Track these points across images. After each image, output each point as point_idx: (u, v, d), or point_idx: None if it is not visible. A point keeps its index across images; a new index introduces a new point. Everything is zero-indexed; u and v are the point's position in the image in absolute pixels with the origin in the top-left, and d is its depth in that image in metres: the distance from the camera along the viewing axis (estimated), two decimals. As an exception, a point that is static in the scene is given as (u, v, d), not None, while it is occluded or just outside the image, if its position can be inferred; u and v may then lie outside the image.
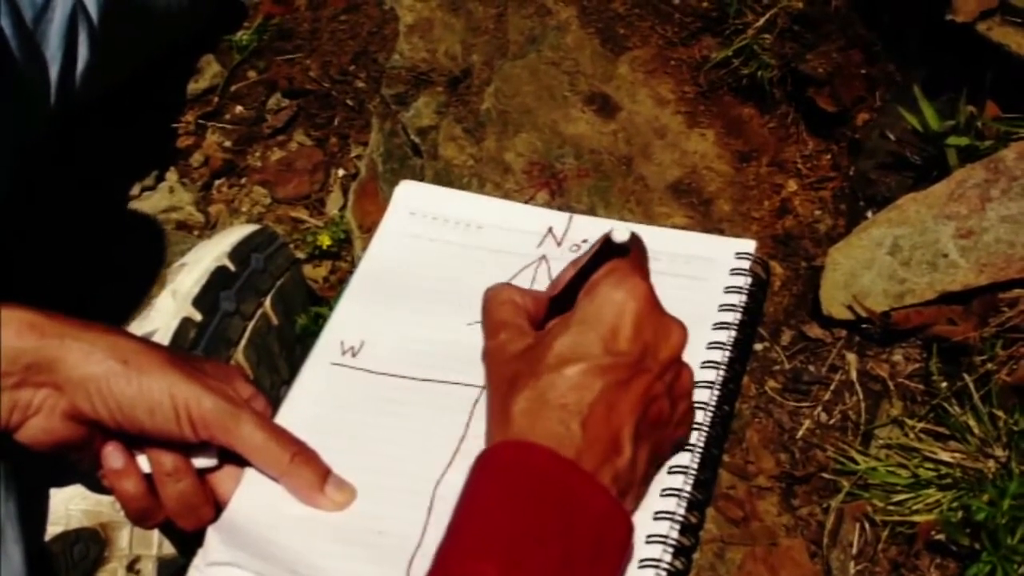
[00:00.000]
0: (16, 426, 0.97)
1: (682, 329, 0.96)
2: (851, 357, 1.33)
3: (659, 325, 0.94)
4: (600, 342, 0.91)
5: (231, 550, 0.94)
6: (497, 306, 1.01)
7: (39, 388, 0.96)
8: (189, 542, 1.03)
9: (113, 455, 0.99)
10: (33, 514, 1.16)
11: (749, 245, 1.12)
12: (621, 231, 0.95)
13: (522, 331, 0.98)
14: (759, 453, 1.30)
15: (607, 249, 0.97)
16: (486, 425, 0.98)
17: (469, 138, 1.56)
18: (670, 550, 0.94)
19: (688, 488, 0.97)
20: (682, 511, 0.96)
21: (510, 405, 0.91)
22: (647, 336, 0.93)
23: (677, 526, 0.95)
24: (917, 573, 1.20)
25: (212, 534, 0.96)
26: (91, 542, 1.20)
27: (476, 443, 0.98)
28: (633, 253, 0.97)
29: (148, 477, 0.99)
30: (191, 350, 1.27)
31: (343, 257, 1.59)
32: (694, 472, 0.98)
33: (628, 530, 0.90)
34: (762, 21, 1.55)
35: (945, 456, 1.24)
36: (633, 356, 0.92)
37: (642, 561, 0.93)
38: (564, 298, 0.98)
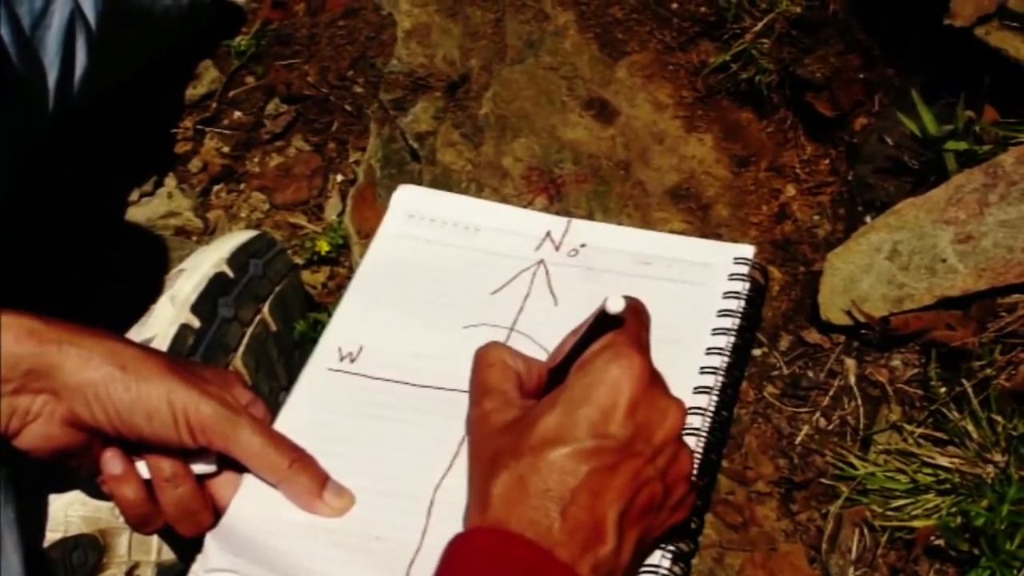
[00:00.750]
0: (15, 432, 0.97)
1: (679, 409, 0.91)
2: (850, 362, 1.33)
3: (654, 405, 0.89)
4: (588, 424, 0.86)
5: (230, 556, 0.94)
6: (485, 368, 0.96)
7: (37, 394, 0.96)
8: (188, 548, 1.03)
9: (112, 461, 0.99)
10: (32, 520, 1.16)
11: (748, 250, 1.13)
12: (615, 301, 0.89)
13: (508, 401, 0.93)
14: (758, 458, 1.30)
15: (604, 318, 0.91)
16: (466, 499, 0.94)
17: (467, 143, 1.56)
18: (669, 555, 0.94)
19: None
20: (681, 516, 0.96)
21: (489, 486, 0.86)
22: (640, 418, 0.88)
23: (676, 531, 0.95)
24: (916, 578, 1.21)
25: (211, 540, 0.96)
26: (90, 548, 1.20)
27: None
28: (631, 322, 0.92)
29: (147, 483, 0.99)
30: (189, 356, 1.27)
31: (341, 263, 1.60)
32: (693, 477, 0.98)
33: None
34: (760, 26, 1.55)
35: (944, 461, 1.24)
36: (623, 439, 0.87)
37: (642, 567, 0.93)
38: (563, 369, 0.94)
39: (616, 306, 0.89)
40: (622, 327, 0.91)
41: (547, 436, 0.86)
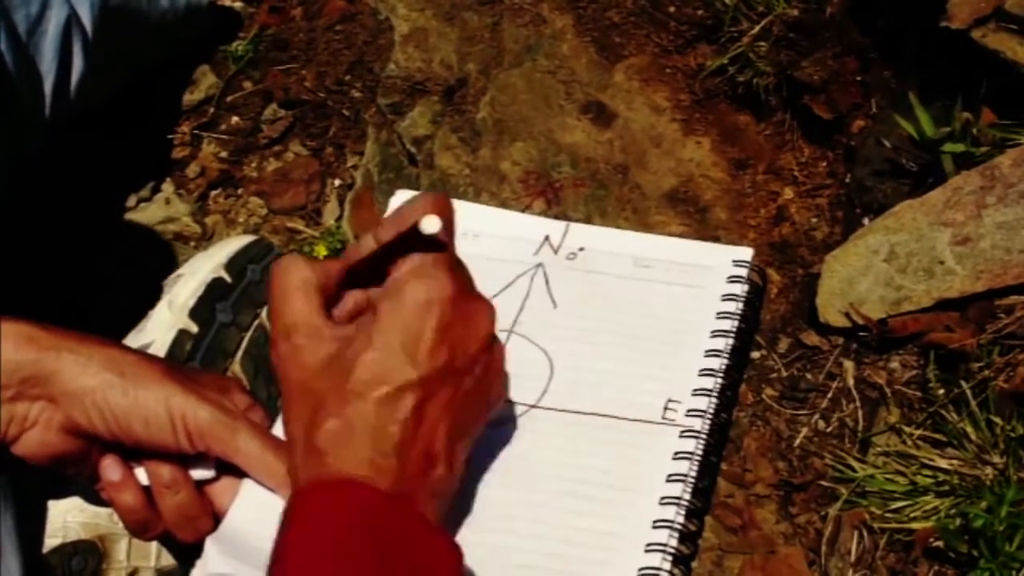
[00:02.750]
0: (13, 439, 0.97)
1: (488, 311, 0.92)
2: (848, 364, 1.33)
3: (466, 319, 0.90)
4: (406, 357, 0.87)
5: (230, 561, 0.94)
6: (287, 293, 0.94)
7: (35, 401, 0.96)
8: (187, 553, 1.03)
9: (111, 468, 0.99)
10: (31, 526, 1.16)
11: (746, 253, 1.13)
12: (431, 223, 0.88)
13: (319, 332, 0.92)
14: (757, 461, 1.30)
15: (416, 235, 0.90)
16: (289, 448, 0.92)
17: (465, 147, 1.56)
18: (669, 558, 0.94)
19: (687, 496, 0.97)
20: (681, 519, 0.96)
21: (315, 433, 0.87)
22: (453, 336, 0.88)
23: (676, 534, 0.95)
24: (915, 581, 1.21)
25: (211, 545, 0.96)
26: (89, 554, 1.20)
27: (475, 450, 0.98)
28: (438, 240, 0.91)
29: (146, 489, 0.99)
30: (187, 361, 1.27)
31: (339, 267, 1.59)
32: (692, 480, 0.98)
33: (452, 559, 0.86)
34: (757, 29, 1.55)
35: (943, 463, 1.24)
36: (440, 362, 0.88)
37: (641, 569, 0.93)
38: (364, 273, 0.95)
39: (431, 227, 0.88)
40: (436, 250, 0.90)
41: (368, 377, 0.86)
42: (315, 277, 0.94)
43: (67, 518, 1.19)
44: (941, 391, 1.26)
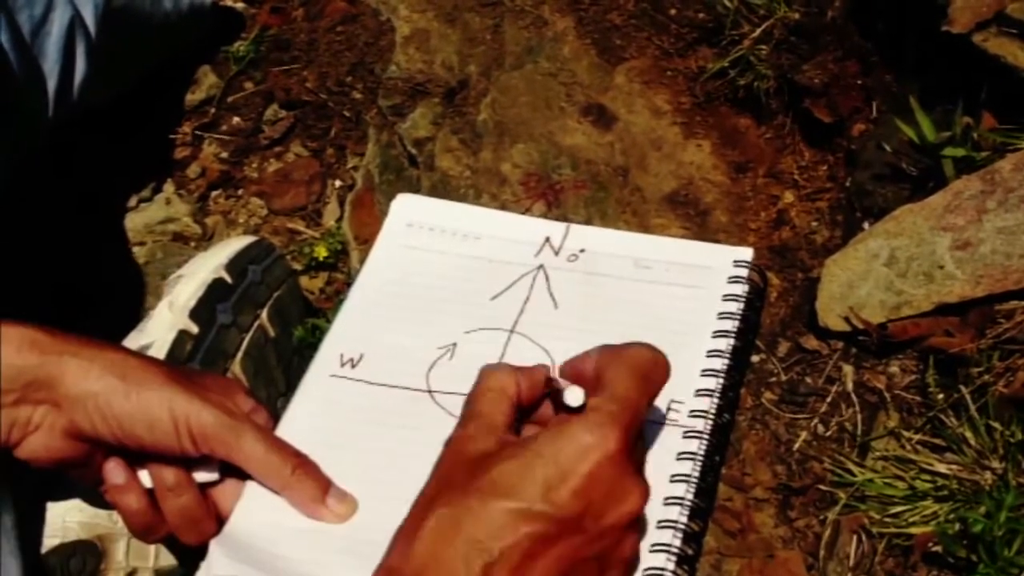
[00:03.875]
0: (15, 443, 0.97)
1: (641, 496, 0.86)
2: (847, 369, 1.33)
3: (616, 486, 0.85)
4: (542, 485, 0.82)
5: (234, 563, 0.94)
6: (482, 393, 0.92)
7: (38, 405, 0.96)
8: (189, 554, 1.03)
9: (114, 471, 0.99)
10: (30, 526, 1.16)
11: (746, 253, 1.13)
12: (575, 396, 0.86)
13: (491, 429, 0.89)
14: (756, 465, 1.30)
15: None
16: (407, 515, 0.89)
17: (466, 149, 1.56)
18: (673, 559, 0.94)
19: (690, 497, 0.97)
20: (684, 519, 0.96)
21: (426, 515, 0.84)
22: (597, 494, 0.84)
23: (680, 535, 0.95)
24: (914, 585, 1.21)
25: (215, 548, 0.96)
26: (88, 554, 1.20)
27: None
28: (632, 391, 0.88)
29: (150, 492, 0.99)
30: (188, 362, 1.27)
31: (339, 268, 1.60)
32: (696, 480, 0.99)
33: None
34: (758, 32, 1.56)
35: (942, 468, 1.24)
36: (571, 511, 0.83)
37: (646, 570, 0.93)
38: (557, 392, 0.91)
39: (575, 400, 0.86)
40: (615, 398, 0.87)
41: (498, 483, 0.83)
42: (513, 386, 0.92)
43: (66, 518, 1.19)
44: (940, 396, 1.27)
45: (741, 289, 1.10)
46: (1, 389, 0.95)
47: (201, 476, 0.99)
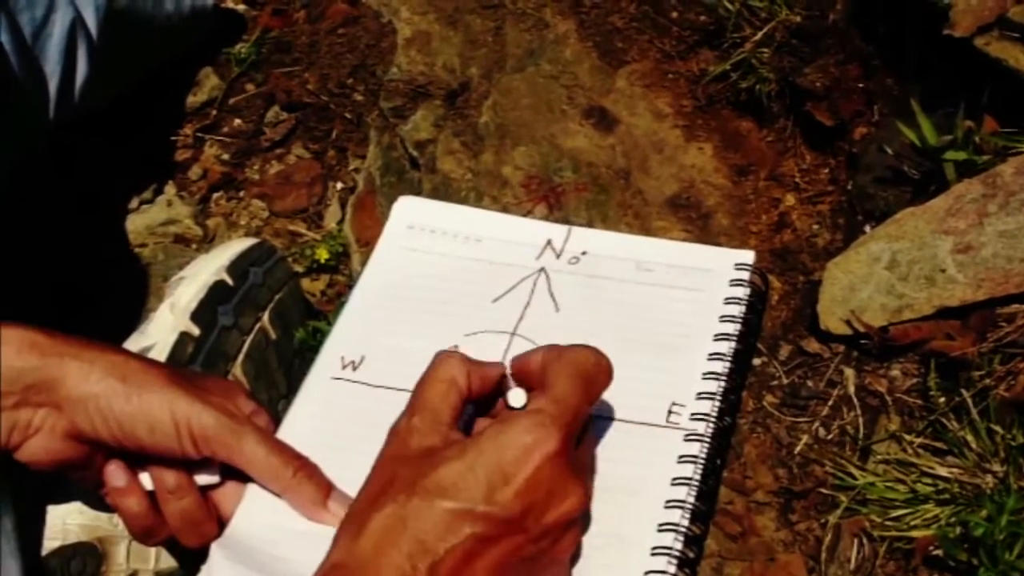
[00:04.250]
0: (16, 446, 0.97)
1: (581, 496, 0.89)
2: (849, 372, 1.33)
3: (557, 487, 0.87)
4: (485, 486, 0.84)
5: (235, 566, 0.94)
6: (431, 383, 0.94)
7: (39, 408, 0.96)
8: (189, 556, 1.03)
9: (115, 474, 0.99)
10: (30, 529, 1.16)
11: (748, 256, 1.13)
12: (517, 397, 0.89)
13: (436, 424, 0.91)
14: (757, 468, 1.30)
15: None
16: (351, 507, 0.91)
17: (467, 151, 1.56)
18: (674, 562, 0.94)
19: (691, 500, 0.97)
20: (686, 522, 0.96)
21: (371, 514, 0.85)
22: (538, 494, 0.86)
23: (681, 538, 0.95)
24: (915, 588, 1.21)
25: (216, 550, 0.96)
26: (88, 557, 1.20)
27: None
28: (574, 391, 0.90)
29: (151, 494, 0.99)
30: (189, 364, 1.27)
31: (341, 271, 1.60)
32: (697, 483, 0.99)
33: None
34: (760, 35, 1.55)
35: (943, 471, 1.24)
36: (513, 512, 0.85)
37: (647, 572, 0.94)
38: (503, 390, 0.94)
39: (516, 401, 0.89)
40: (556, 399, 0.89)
41: (443, 484, 0.85)
42: (464, 379, 0.93)
43: (67, 520, 1.19)
44: (942, 399, 1.27)
45: (742, 292, 1.10)
46: (2, 392, 0.95)
47: (202, 479, 0.99)
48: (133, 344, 1.29)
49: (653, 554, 0.95)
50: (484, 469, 0.85)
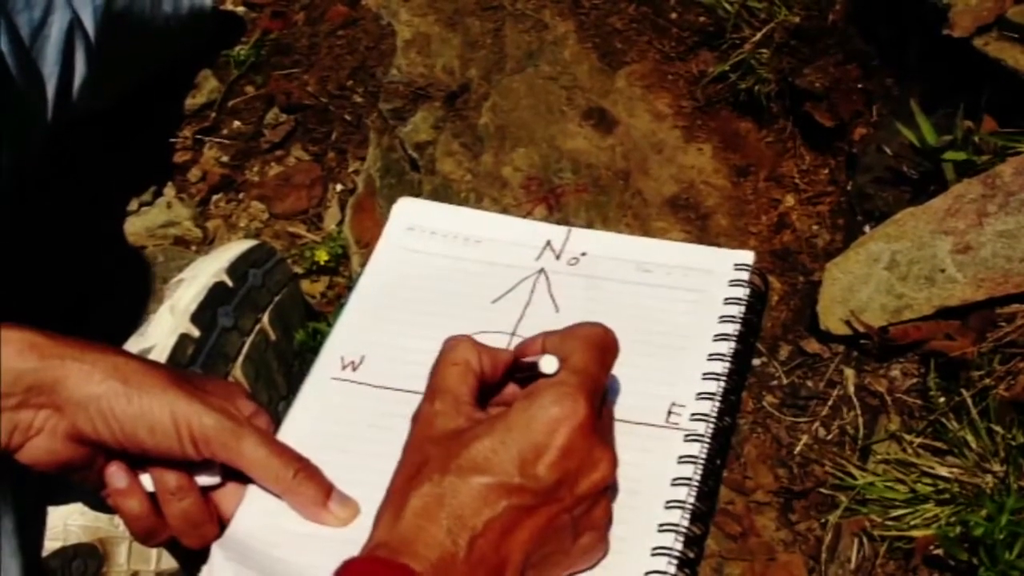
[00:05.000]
0: (17, 447, 0.97)
1: (611, 462, 0.90)
2: (849, 372, 1.33)
3: (587, 454, 0.88)
4: (518, 459, 0.85)
5: (236, 567, 0.94)
6: (447, 366, 0.94)
7: (40, 409, 0.96)
8: (190, 557, 1.03)
9: (116, 475, 0.99)
10: (31, 529, 1.16)
11: (747, 256, 1.13)
12: (550, 363, 0.89)
13: (458, 406, 0.91)
14: (757, 468, 1.30)
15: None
16: (386, 498, 0.91)
17: (467, 153, 1.57)
18: (675, 562, 0.94)
19: (692, 499, 0.97)
20: (686, 523, 0.96)
21: (408, 494, 0.86)
22: (570, 464, 0.87)
23: (681, 538, 0.95)
24: (916, 588, 1.21)
25: (216, 551, 0.96)
26: (89, 557, 1.20)
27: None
28: (591, 363, 0.91)
29: (152, 496, 0.99)
30: (189, 366, 1.27)
31: (340, 272, 1.60)
32: (697, 483, 0.99)
33: None
34: (759, 36, 1.56)
35: (943, 471, 1.24)
36: (547, 483, 0.86)
37: (648, 573, 0.94)
38: (525, 370, 0.95)
39: (549, 367, 0.89)
40: (576, 369, 0.90)
41: (476, 460, 0.85)
42: (477, 361, 0.94)
43: (68, 521, 1.19)
44: (942, 399, 1.27)
45: (742, 293, 1.10)
46: (3, 393, 0.95)
47: (203, 480, 0.99)
48: (133, 346, 1.29)
49: (653, 554, 0.95)
50: (516, 443, 0.86)
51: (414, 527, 0.84)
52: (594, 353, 0.91)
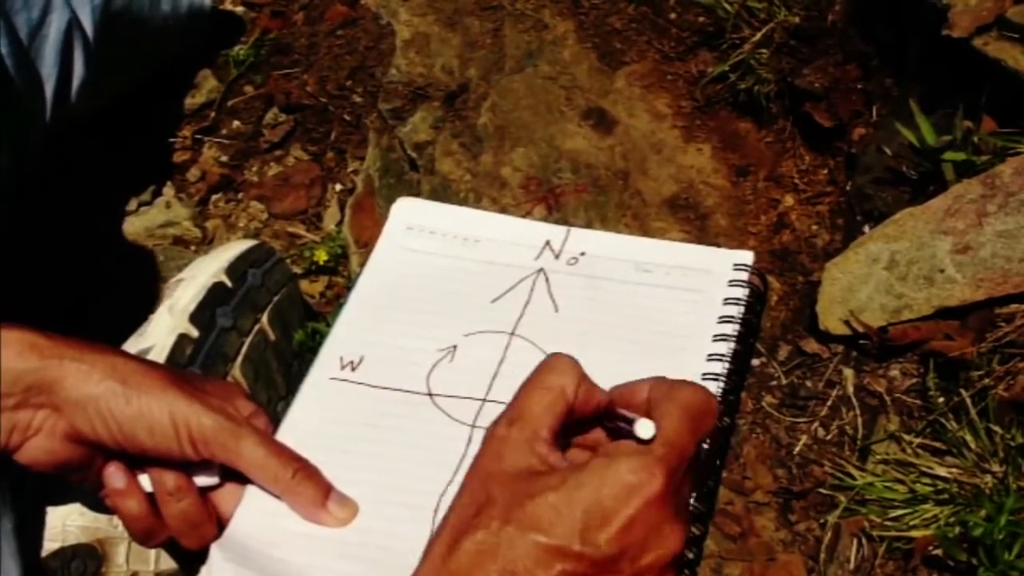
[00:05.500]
0: (16, 447, 0.97)
1: (679, 539, 0.84)
2: (848, 372, 1.33)
3: (656, 528, 0.83)
4: (581, 523, 0.81)
5: (234, 567, 0.94)
6: (536, 388, 0.89)
7: (38, 409, 0.96)
8: (192, 560, 1.03)
9: (115, 475, 0.99)
10: (30, 530, 1.16)
11: (747, 256, 1.13)
12: (646, 428, 0.84)
13: (535, 441, 0.87)
14: (756, 468, 1.30)
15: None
16: (439, 524, 0.88)
17: (466, 153, 1.57)
18: (675, 563, 0.94)
19: (692, 500, 0.97)
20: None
21: (463, 535, 0.83)
22: (635, 537, 0.82)
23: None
24: (915, 589, 1.21)
25: (215, 552, 0.96)
26: (88, 558, 1.20)
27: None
28: (680, 432, 0.85)
29: (151, 496, 0.99)
30: (188, 366, 1.27)
31: (340, 272, 1.60)
32: (696, 484, 0.99)
33: None
34: (759, 36, 1.56)
35: (942, 471, 1.24)
36: (607, 553, 0.81)
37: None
38: (623, 421, 0.89)
39: (645, 432, 0.84)
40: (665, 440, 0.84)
41: (538, 516, 0.82)
42: (573, 390, 0.88)
43: (67, 522, 1.19)
44: (941, 399, 1.27)
45: (742, 293, 1.10)
46: (1, 393, 0.94)
47: (201, 480, 0.99)
48: (132, 346, 1.28)
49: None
50: (582, 506, 0.82)
51: (464, 571, 0.82)
52: (688, 424, 0.86)
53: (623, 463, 0.82)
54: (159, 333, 1.30)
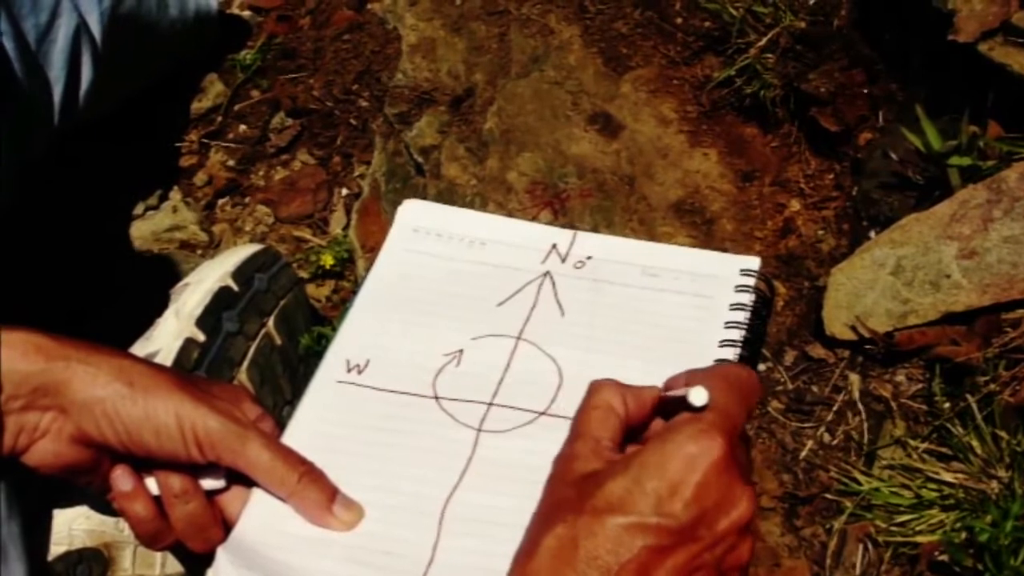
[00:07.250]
0: (23, 449, 0.97)
1: (751, 500, 0.87)
2: (854, 377, 1.33)
3: (726, 492, 0.85)
4: (654, 498, 0.83)
5: (240, 571, 0.94)
6: (587, 410, 0.92)
7: (45, 411, 0.96)
8: (198, 563, 1.03)
9: (122, 478, 0.99)
10: (36, 533, 1.16)
11: (753, 262, 1.13)
12: (699, 396, 0.87)
13: (598, 449, 0.89)
14: (762, 473, 1.30)
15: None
16: (524, 534, 0.90)
17: (472, 157, 1.57)
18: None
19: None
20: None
21: (543, 534, 0.85)
22: (708, 502, 0.84)
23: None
24: (921, 594, 1.21)
25: (221, 555, 0.96)
26: (94, 562, 1.20)
27: (485, 459, 0.98)
28: (728, 399, 0.88)
29: (157, 499, 0.99)
30: (194, 370, 1.27)
31: (346, 276, 1.60)
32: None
33: None
34: (765, 40, 1.56)
35: (948, 477, 1.24)
36: (684, 521, 0.83)
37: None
38: (668, 406, 0.92)
39: (698, 399, 0.87)
40: (716, 406, 0.88)
41: (611, 501, 0.84)
42: (620, 403, 0.92)
43: (73, 526, 1.19)
44: (947, 405, 1.27)
45: (748, 298, 1.10)
46: (8, 395, 0.95)
47: (208, 483, 0.99)
48: (139, 350, 1.29)
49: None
50: (650, 481, 0.84)
51: (547, 570, 0.83)
52: (734, 393, 0.89)
53: (682, 433, 0.85)
54: (165, 337, 1.30)
